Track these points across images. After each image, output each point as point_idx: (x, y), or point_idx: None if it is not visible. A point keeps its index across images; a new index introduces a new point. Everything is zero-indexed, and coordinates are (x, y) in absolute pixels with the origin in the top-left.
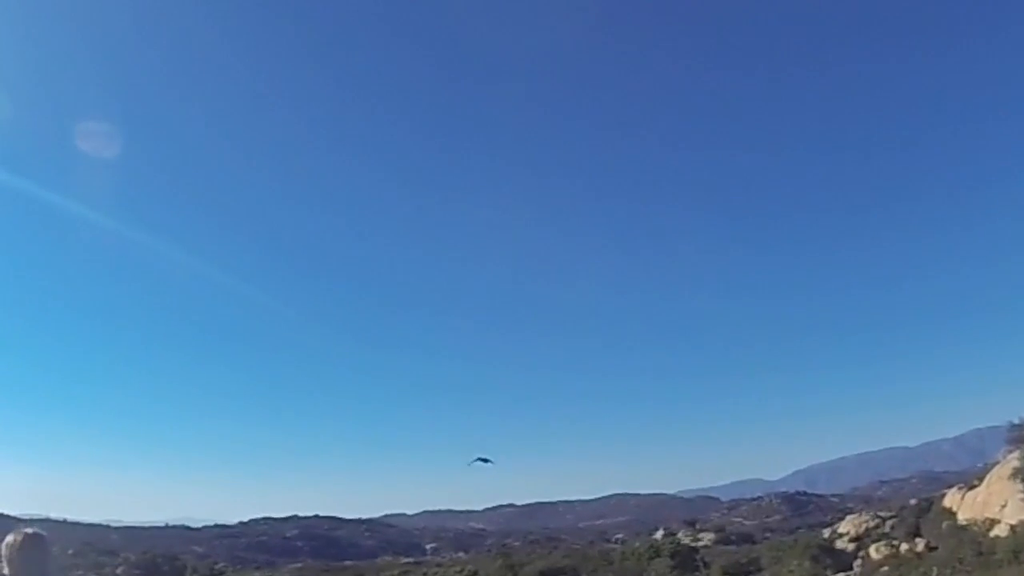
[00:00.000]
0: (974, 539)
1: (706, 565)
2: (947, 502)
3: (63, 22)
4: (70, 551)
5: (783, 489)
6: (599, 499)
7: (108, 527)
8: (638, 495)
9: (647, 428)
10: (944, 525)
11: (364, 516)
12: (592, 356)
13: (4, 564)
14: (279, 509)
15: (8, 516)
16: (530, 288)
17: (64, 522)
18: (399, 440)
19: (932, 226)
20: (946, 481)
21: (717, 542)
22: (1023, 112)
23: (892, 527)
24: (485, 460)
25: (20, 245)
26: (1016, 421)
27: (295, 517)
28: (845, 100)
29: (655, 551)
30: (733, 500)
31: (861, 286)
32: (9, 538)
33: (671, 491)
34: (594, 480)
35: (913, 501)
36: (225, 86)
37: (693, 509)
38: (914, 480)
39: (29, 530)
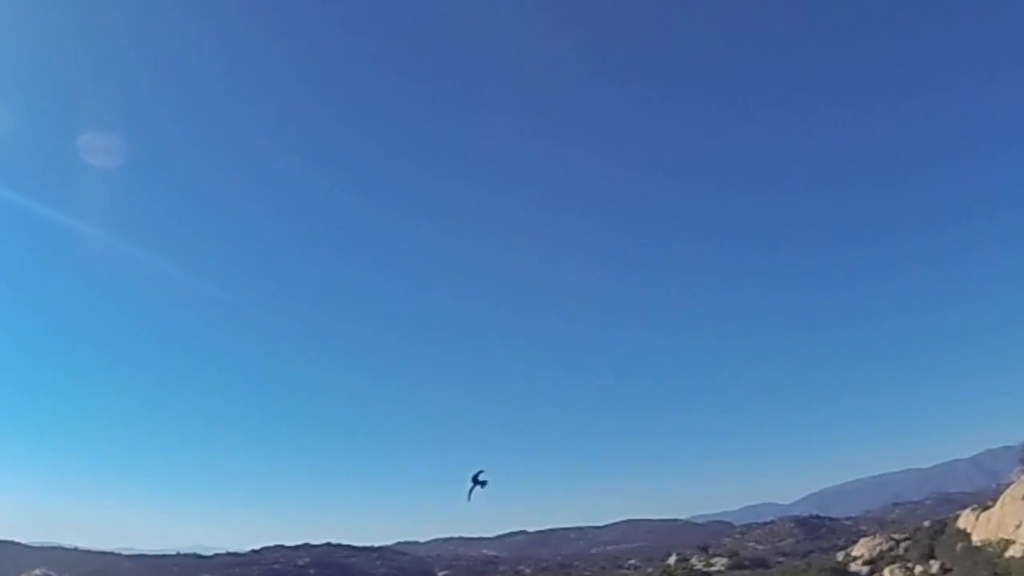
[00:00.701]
0: (989, 560)
1: None
2: (961, 523)
3: (65, 38)
4: None
5: (796, 513)
6: (611, 525)
7: (119, 555)
8: (651, 520)
9: (659, 454)
10: (959, 546)
11: (376, 544)
12: (603, 388)
13: None
14: (291, 537)
15: (18, 544)
16: (541, 324)
17: (75, 550)
18: (411, 468)
19: (945, 256)
20: (960, 502)
21: (730, 567)
22: None
23: (906, 549)
24: (482, 483)
25: (33, 269)
26: None
27: (307, 545)
28: (863, 137)
29: None
30: (746, 525)
31: (874, 315)
32: None
33: (684, 516)
34: (606, 506)
35: (927, 523)
36: (237, 107)
37: (706, 534)
38: (928, 502)
39: (38, 572)
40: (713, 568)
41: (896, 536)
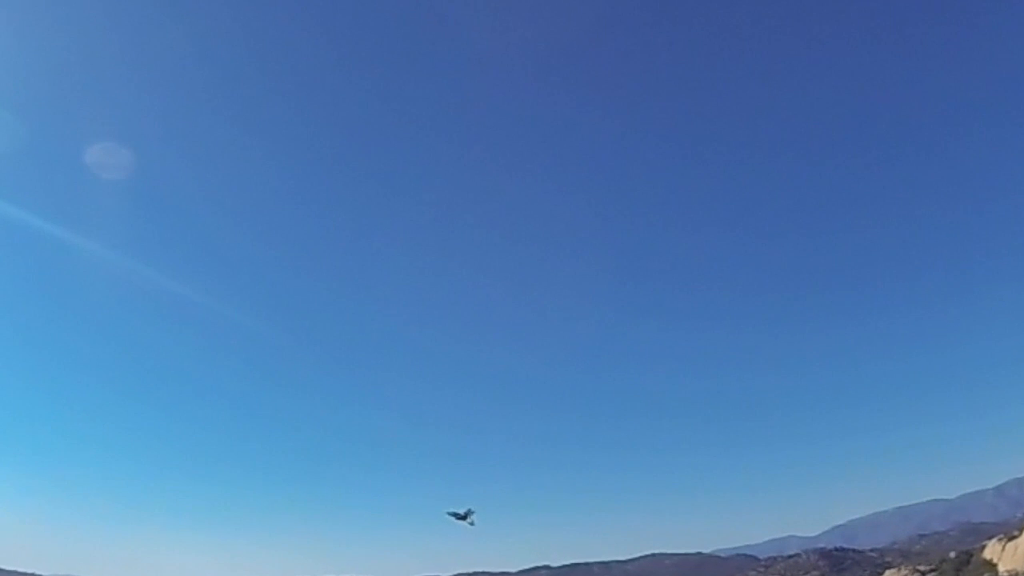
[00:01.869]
0: None
1: None
2: (987, 553)
3: (73, 49)
4: None
5: (821, 545)
6: (635, 559)
7: None
8: (675, 554)
9: (683, 487)
10: None
11: None
12: (627, 423)
13: None
14: (314, 570)
15: None
16: (562, 368)
17: None
18: (430, 501)
19: (969, 289)
20: (986, 532)
21: None
22: None
23: None
24: (464, 517)
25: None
26: None
27: None
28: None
29: None
30: (770, 557)
31: (898, 347)
32: None
33: (707, 549)
34: (630, 539)
35: (953, 554)
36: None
37: (730, 567)
38: (954, 532)
39: None
40: None
41: (922, 568)
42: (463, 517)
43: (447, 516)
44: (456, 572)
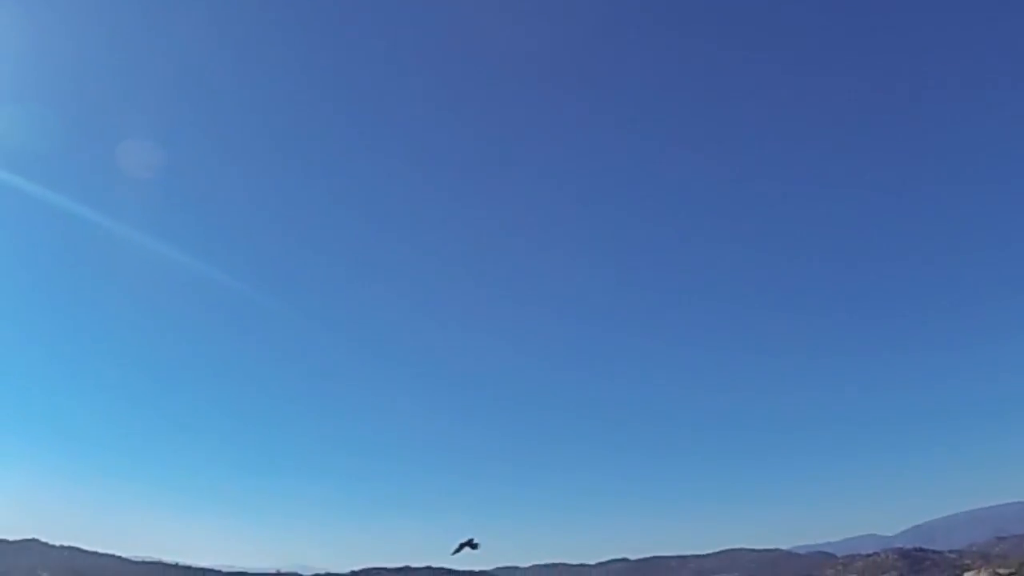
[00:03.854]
0: None
1: None
2: None
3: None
4: None
5: (899, 545)
6: (713, 554)
7: (219, 572)
8: (753, 551)
9: (763, 483)
10: None
11: (476, 568)
12: (706, 416)
13: None
14: (392, 559)
15: (121, 558)
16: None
17: (175, 566)
18: (514, 492)
19: None
20: None
21: None
22: None
23: None
24: (473, 546)
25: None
26: None
27: (407, 568)
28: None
29: None
30: (848, 556)
31: (984, 338)
32: None
33: (785, 546)
34: (708, 534)
35: None
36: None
37: (807, 565)
38: None
39: None
40: None
41: (1001, 571)
42: (472, 545)
43: (458, 545)
44: (534, 563)
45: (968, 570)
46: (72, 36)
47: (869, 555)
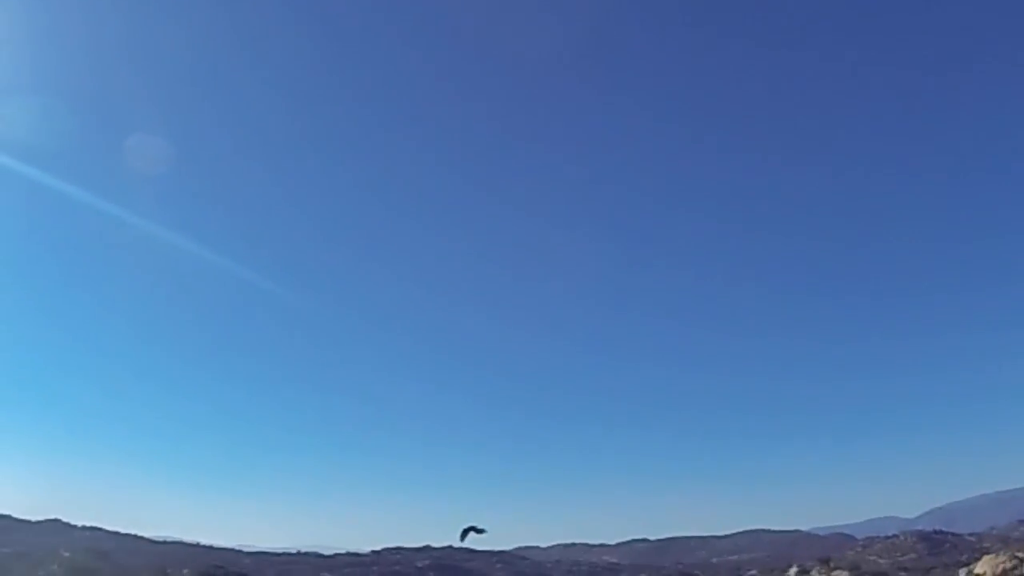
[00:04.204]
0: None
1: None
2: None
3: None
4: (185, 571)
5: (919, 527)
6: (733, 535)
7: (239, 552)
8: (772, 531)
9: (783, 464)
10: None
11: (497, 548)
12: (728, 395)
13: None
14: (412, 539)
15: (142, 538)
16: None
17: (195, 545)
18: (534, 471)
19: None
20: None
21: None
22: None
23: None
24: (479, 531)
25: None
26: None
27: (428, 548)
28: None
29: None
30: (868, 538)
31: (1007, 317)
32: None
33: (805, 528)
34: (728, 515)
35: None
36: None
37: (827, 546)
38: None
39: None
40: None
41: (1021, 554)
42: (478, 530)
43: (463, 531)
44: (554, 543)
45: (988, 553)
46: (90, 28)
47: (888, 537)
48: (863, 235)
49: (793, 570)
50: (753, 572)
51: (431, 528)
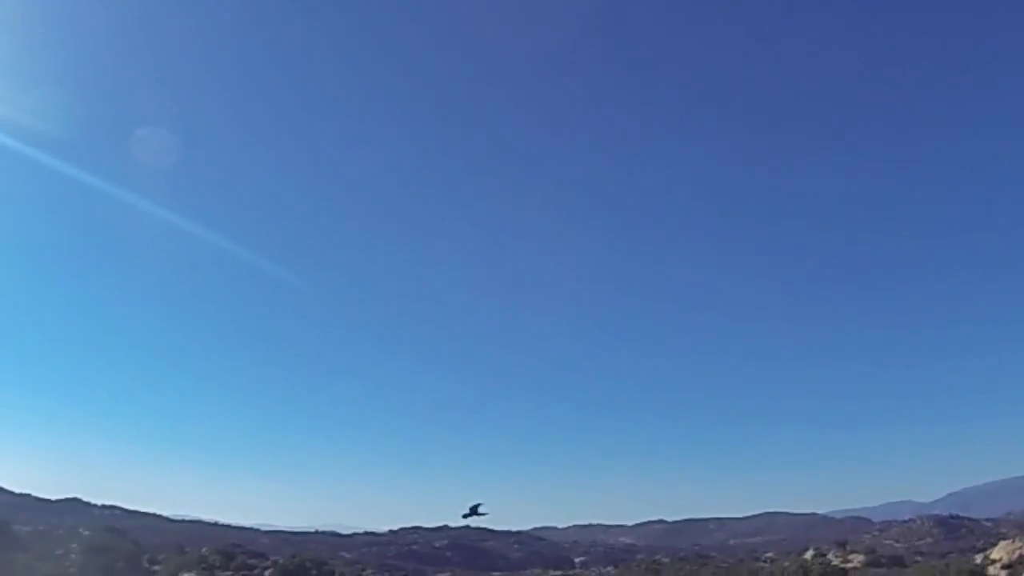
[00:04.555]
0: None
1: None
2: None
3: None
4: (203, 549)
5: (936, 512)
6: (750, 517)
7: (258, 531)
8: (789, 514)
9: (800, 447)
10: None
11: (514, 528)
12: (745, 378)
13: None
14: (429, 519)
15: (161, 516)
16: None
17: (214, 524)
18: (552, 453)
19: None
20: None
21: (867, 564)
22: None
23: None
24: (480, 513)
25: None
26: None
27: (445, 527)
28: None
29: (804, 571)
30: (884, 521)
31: (1021, 310)
32: None
33: (822, 511)
34: (745, 497)
35: None
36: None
37: (843, 530)
38: None
39: None
40: (849, 564)
41: None
42: (479, 513)
43: (465, 513)
44: (572, 523)
45: (1004, 539)
46: (106, 18)
47: (905, 521)
48: (891, 226)
49: (809, 553)
50: (770, 554)
51: (449, 508)
